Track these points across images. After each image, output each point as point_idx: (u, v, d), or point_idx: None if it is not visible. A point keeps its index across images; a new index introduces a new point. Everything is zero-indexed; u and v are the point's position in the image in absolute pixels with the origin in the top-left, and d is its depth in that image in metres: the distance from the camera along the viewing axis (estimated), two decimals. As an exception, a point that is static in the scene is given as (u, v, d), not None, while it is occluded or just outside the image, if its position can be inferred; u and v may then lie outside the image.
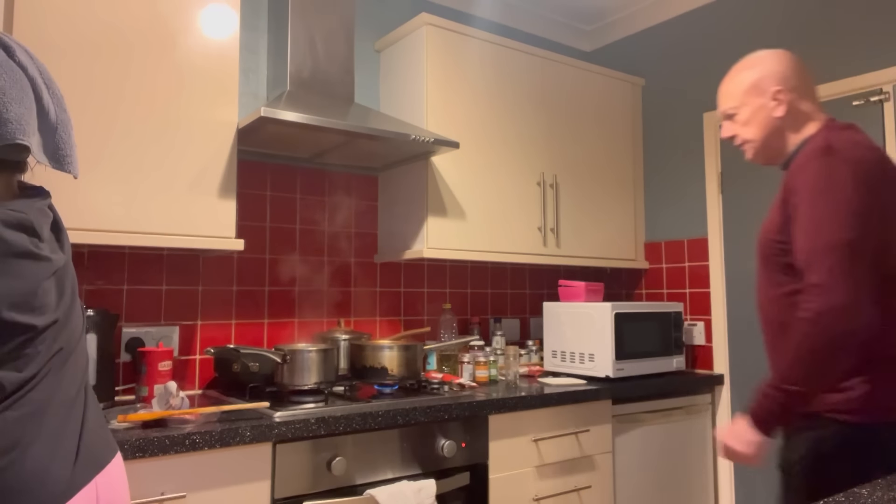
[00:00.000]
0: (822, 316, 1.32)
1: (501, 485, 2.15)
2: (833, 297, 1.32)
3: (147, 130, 1.89)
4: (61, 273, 1.07)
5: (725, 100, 1.65)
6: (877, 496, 1.03)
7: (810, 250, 1.38)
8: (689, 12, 3.10)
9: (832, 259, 1.34)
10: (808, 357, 1.35)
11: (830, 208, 1.37)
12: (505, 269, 3.16)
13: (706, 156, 2.97)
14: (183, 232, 1.94)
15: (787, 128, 1.57)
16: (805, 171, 1.43)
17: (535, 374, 2.73)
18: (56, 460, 0.98)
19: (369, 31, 2.82)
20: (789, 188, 1.46)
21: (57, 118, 1.06)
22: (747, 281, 2.78)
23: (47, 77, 1.07)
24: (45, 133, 1.05)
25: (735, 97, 1.61)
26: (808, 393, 1.36)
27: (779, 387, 1.38)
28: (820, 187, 1.39)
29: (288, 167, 2.55)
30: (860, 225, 1.36)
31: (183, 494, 1.58)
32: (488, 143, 2.68)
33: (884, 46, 2.43)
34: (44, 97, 1.04)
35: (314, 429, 1.78)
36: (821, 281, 1.34)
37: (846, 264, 1.34)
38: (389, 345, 2.18)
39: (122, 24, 1.87)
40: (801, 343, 1.35)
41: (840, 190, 1.38)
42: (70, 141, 1.09)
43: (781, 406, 1.39)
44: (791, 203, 1.45)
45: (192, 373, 2.29)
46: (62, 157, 1.07)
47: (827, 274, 1.34)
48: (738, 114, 1.62)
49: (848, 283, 1.33)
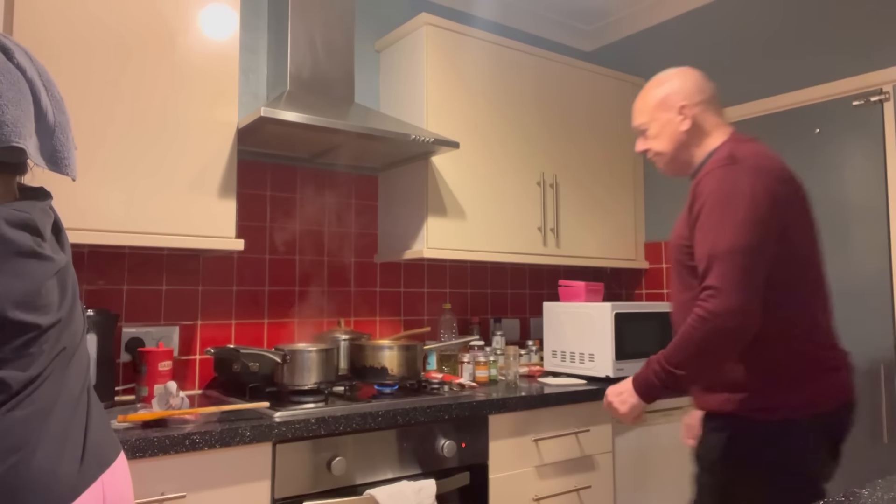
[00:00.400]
0: (715, 316, 1.42)
1: (501, 485, 2.15)
2: (727, 300, 1.41)
3: (147, 130, 1.89)
4: (63, 273, 1.07)
5: (637, 116, 1.77)
6: (877, 496, 1.03)
7: (709, 255, 1.46)
8: (689, 12, 3.10)
9: (728, 264, 1.42)
10: (693, 347, 1.45)
11: (730, 215, 1.45)
12: (505, 269, 3.16)
13: (706, 156, 2.97)
14: (183, 232, 1.94)
15: (693, 140, 1.67)
16: (709, 179, 1.52)
17: (535, 374, 2.73)
18: (63, 459, 0.98)
19: (369, 31, 2.82)
20: (695, 195, 1.55)
21: (55, 120, 1.06)
22: (747, 281, 2.78)
23: (47, 79, 1.07)
24: (42, 135, 1.04)
25: (645, 113, 1.73)
26: (686, 378, 1.48)
27: (663, 365, 1.50)
28: (722, 195, 1.48)
29: (288, 167, 2.55)
30: (758, 232, 1.44)
31: (183, 494, 1.58)
32: (488, 143, 2.68)
33: (884, 46, 2.43)
34: (42, 99, 1.04)
35: (314, 429, 1.78)
36: (717, 284, 1.43)
37: (741, 269, 1.42)
38: (389, 345, 2.18)
39: (121, 24, 1.87)
40: (689, 333, 1.46)
41: (741, 198, 1.46)
42: (68, 143, 1.08)
43: (661, 382, 1.51)
44: (695, 209, 1.54)
45: (192, 373, 2.29)
46: (59, 159, 1.06)
47: (722, 278, 1.42)
48: (648, 128, 1.73)
49: (741, 288, 1.41)
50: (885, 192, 2.39)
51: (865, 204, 2.43)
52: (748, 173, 1.49)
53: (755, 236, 1.44)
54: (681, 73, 1.70)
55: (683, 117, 1.66)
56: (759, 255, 1.44)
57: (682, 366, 1.48)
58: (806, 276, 1.53)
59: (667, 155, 1.71)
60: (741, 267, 1.42)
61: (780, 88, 2.73)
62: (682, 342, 1.48)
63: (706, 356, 1.46)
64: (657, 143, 1.71)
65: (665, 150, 1.70)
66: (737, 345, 1.45)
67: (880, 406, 2.34)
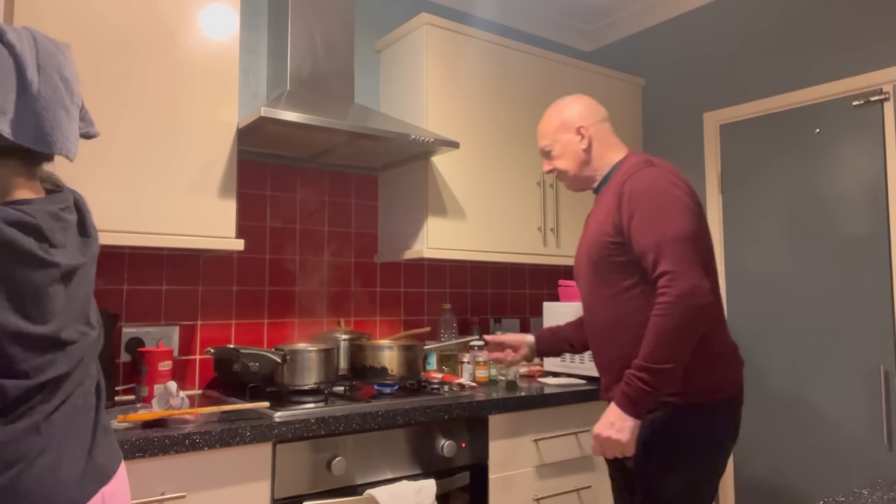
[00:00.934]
0: (681, 297, 1.51)
1: (501, 485, 2.15)
2: (685, 280, 1.52)
3: (147, 130, 1.89)
4: (78, 276, 1.04)
5: (541, 139, 1.91)
6: (877, 496, 1.03)
7: (658, 244, 1.56)
8: (689, 12, 3.10)
9: (679, 249, 1.54)
10: (672, 335, 1.51)
11: (668, 206, 1.59)
12: (505, 269, 3.16)
13: (706, 156, 2.97)
14: (183, 232, 1.94)
15: (592, 158, 1.83)
16: (635, 179, 1.66)
17: (535, 374, 2.73)
18: (62, 473, 0.96)
19: (369, 31, 2.82)
20: (621, 195, 1.66)
21: (40, 95, 1.00)
22: (747, 281, 2.78)
23: (46, 56, 1.02)
24: (24, 111, 0.98)
25: (548, 136, 1.89)
26: (675, 368, 1.52)
27: (647, 368, 1.52)
28: (655, 190, 1.62)
29: (288, 167, 2.54)
30: (695, 220, 1.60)
31: (183, 494, 1.58)
32: (488, 143, 2.68)
33: (884, 46, 2.43)
34: (27, 74, 0.98)
35: (314, 429, 1.78)
36: (673, 268, 1.53)
37: (691, 252, 1.55)
38: (389, 345, 2.18)
39: (122, 24, 1.87)
40: (663, 324, 1.52)
41: (673, 192, 1.61)
42: (56, 120, 1.01)
43: (652, 386, 1.52)
44: (626, 207, 1.64)
45: (192, 373, 2.29)
46: (45, 135, 1.00)
47: (677, 261, 1.53)
48: (552, 150, 1.88)
49: (694, 268, 1.53)
50: (885, 193, 2.39)
51: (865, 204, 2.43)
52: (669, 173, 1.66)
53: (694, 224, 1.59)
54: (577, 99, 1.89)
55: (581, 137, 1.83)
56: (698, 240, 1.58)
57: (667, 359, 1.51)
58: (711, 272, 1.66)
59: (570, 172, 1.85)
60: (690, 250, 1.55)
61: (780, 88, 2.73)
62: (658, 336, 1.52)
63: (685, 340, 1.52)
64: (561, 163, 1.86)
65: (568, 169, 1.85)
66: (708, 321, 1.55)
67: (880, 407, 2.34)
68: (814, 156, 2.59)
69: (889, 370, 2.34)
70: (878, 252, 2.39)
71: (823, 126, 2.57)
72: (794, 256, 2.63)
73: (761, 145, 2.77)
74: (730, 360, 1.70)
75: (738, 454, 2.76)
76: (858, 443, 2.39)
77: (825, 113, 2.57)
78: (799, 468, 2.55)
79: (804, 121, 2.63)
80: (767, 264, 2.72)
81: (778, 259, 2.68)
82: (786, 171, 2.68)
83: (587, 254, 1.77)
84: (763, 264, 2.74)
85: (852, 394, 2.43)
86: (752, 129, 2.81)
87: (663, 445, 1.63)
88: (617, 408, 1.57)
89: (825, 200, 2.55)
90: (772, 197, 2.72)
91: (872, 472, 2.34)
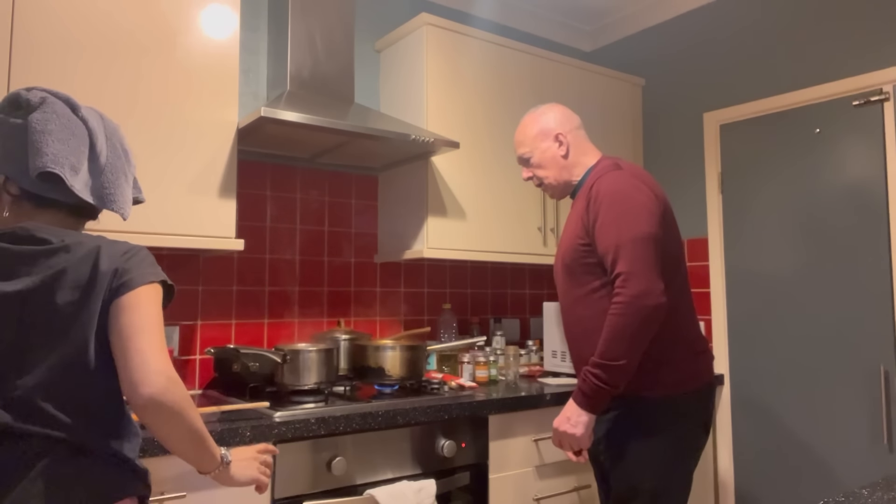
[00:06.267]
0: (635, 298, 1.56)
1: (501, 485, 2.15)
2: (638, 281, 1.57)
3: (147, 130, 1.89)
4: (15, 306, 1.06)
5: (519, 147, 1.94)
6: (877, 496, 1.03)
7: (616, 245, 1.61)
8: (689, 12, 3.10)
9: (636, 251, 1.59)
10: (625, 333, 1.56)
11: (629, 209, 1.64)
12: (505, 269, 3.16)
13: (706, 156, 2.97)
14: (183, 232, 1.94)
15: (571, 163, 1.87)
16: (602, 182, 1.72)
17: (535, 374, 2.73)
18: None
19: (369, 31, 2.82)
20: (589, 198, 1.72)
21: (107, 163, 1.18)
22: (747, 281, 2.78)
23: (111, 130, 1.22)
24: (93, 174, 1.17)
25: (526, 144, 1.91)
26: (628, 365, 1.57)
27: (601, 364, 1.58)
28: (619, 194, 1.67)
29: (288, 167, 2.55)
30: (655, 223, 1.64)
31: (183, 494, 1.58)
32: (488, 143, 2.68)
33: (884, 46, 2.43)
34: (98, 144, 1.17)
35: (314, 429, 1.78)
36: (627, 269, 1.58)
37: (648, 254, 1.59)
38: (391, 345, 2.18)
39: (121, 24, 1.87)
40: (617, 322, 1.57)
41: (635, 195, 1.67)
42: (117, 184, 1.19)
43: (606, 382, 1.58)
44: (592, 210, 1.70)
45: (192, 373, 2.29)
46: (106, 195, 1.17)
47: (631, 263, 1.58)
48: (531, 157, 1.90)
49: (650, 270, 1.58)
50: (885, 193, 2.39)
51: (865, 204, 2.43)
52: (635, 177, 1.72)
53: (653, 226, 1.63)
54: (552, 107, 1.93)
55: (560, 143, 1.86)
56: (657, 243, 1.62)
57: (620, 356, 1.57)
58: (678, 272, 1.74)
59: (551, 179, 1.89)
60: (647, 252, 1.60)
61: (780, 88, 2.73)
62: (612, 335, 1.58)
63: (637, 339, 1.58)
64: (542, 171, 1.89)
65: (549, 176, 1.89)
66: (658, 322, 1.59)
67: (880, 407, 2.34)
68: (814, 156, 2.59)
69: (889, 370, 2.34)
70: (878, 252, 2.39)
71: (823, 126, 2.57)
72: (794, 256, 2.63)
73: (761, 145, 2.77)
74: (699, 353, 1.76)
75: (738, 454, 2.76)
76: (858, 443, 2.39)
77: (825, 113, 2.57)
78: (799, 468, 2.55)
79: (804, 121, 2.63)
80: (767, 264, 2.72)
81: (778, 259, 2.68)
82: (786, 171, 2.68)
83: (562, 256, 1.82)
84: (763, 264, 2.74)
85: (852, 394, 2.43)
86: (752, 129, 2.81)
87: (634, 438, 1.68)
88: (573, 403, 1.65)
89: (825, 200, 2.54)
90: (772, 197, 2.72)
91: (872, 472, 2.34)
